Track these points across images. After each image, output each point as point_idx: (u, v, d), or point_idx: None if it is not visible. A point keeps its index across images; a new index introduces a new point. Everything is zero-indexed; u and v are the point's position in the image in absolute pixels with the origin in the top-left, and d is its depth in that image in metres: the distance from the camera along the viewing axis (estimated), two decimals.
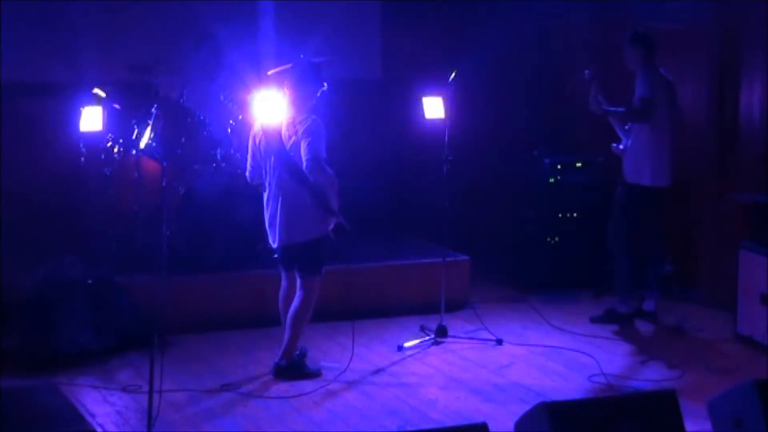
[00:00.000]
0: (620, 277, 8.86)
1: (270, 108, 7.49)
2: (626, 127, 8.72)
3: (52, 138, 9.67)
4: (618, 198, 8.88)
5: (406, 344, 8.22)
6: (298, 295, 7.54)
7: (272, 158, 7.46)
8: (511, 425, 5.00)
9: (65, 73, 9.59)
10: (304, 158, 7.31)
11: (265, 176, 7.53)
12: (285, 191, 7.41)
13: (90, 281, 8.12)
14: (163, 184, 6.45)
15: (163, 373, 6.54)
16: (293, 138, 7.39)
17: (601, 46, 10.12)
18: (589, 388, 7.43)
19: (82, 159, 9.25)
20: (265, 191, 7.56)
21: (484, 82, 10.38)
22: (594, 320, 8.85)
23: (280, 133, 7.43)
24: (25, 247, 9.14)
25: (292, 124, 7.42)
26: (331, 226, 7.47)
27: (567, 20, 10.52)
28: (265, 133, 7.50)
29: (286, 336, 7.57)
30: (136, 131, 8.87)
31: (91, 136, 9.06)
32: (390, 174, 10.54)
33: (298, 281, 7.56)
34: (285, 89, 7.51)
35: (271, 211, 7.49)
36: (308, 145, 7.30)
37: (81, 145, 9.19)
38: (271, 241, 7.56)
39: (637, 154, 8.64)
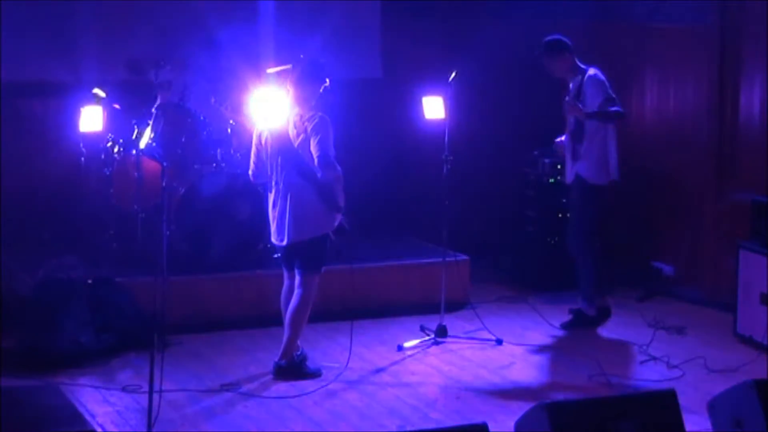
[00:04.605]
0: (585, 279, 8.70)
1: (273, 107, 7.49)
2: (572, 129, 8.57)
3: (52, 138, 9.68)
4: (585, 201, 8.64)
5: (406, 344, 8.22)
6: (296, 293, 7.53)
7: (280, 158, 7.45)
8: (511, 425, 5.00)
9: (65, 73, 9.59)
10: (314, 155, 7.31)
11: (271, 175, 7.50)
12: (294, 189, 7.40)
13: (90, 281, 8.12)
14: (163, 184, 6.45)
15: (163, 373, 6.53)
16: (302, 136, 7.38)
17: (600, 45, 10.10)
18: (589, 388, 7.43)
19: (82, 159, 9.26)
20: (270, 191, 7.55)
21: (484, 82, 10.37)
22: (563, 326, 8.73)
23: (287, 132, 7.43)
24: (25, 247, 9.15)
25: (300, 121, 7.41)
26: (337, 223, 7.48)
27: (567, 20, 10.49)
28: (272, 132, 7.49)
29: (286, 335, 7.57)
30: (136, 131, 8.88)
31: (91, 136, 9.08)
32: (390, 174, 10.53)
33: (298, 279, 7.55)
34: (288, 87, 7.52)
35: (279, 210, 7.47)
36: (318, 142, 7.30)
37: (81, 145, 9.20)
38: (278, 240, 7.53)
39: (600, 155, 8.48)
